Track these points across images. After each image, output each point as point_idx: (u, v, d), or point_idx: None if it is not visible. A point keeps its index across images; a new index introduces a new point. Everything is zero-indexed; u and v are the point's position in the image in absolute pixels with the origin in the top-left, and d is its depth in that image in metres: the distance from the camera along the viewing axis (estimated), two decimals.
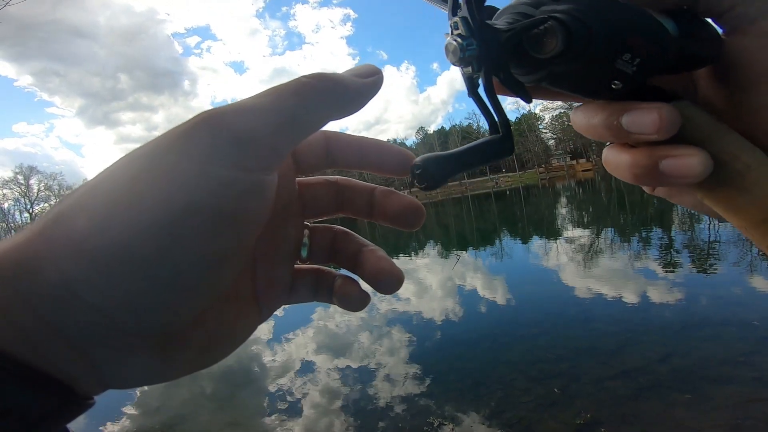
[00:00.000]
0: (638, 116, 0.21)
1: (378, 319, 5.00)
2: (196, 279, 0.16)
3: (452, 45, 0.22)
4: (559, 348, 3.40)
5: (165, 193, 0.15)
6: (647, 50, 0.21)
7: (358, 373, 3.62)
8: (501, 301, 5.02)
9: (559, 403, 2.59)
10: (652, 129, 0.21)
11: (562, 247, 7.63)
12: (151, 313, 0.16)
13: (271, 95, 0.18)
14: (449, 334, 4.25)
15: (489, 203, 26.23)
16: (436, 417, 2.68)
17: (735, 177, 0.21)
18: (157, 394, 3.98)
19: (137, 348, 0.17)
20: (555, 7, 0.21)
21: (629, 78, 0.21)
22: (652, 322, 3.59)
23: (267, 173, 0.17)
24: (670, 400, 2.42)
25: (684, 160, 0.21)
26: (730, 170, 0.21)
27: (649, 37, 0.21)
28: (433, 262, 8.68)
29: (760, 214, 0.21)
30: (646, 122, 0.21)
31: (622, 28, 0.21)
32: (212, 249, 0.16)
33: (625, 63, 0.21)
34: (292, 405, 3.26)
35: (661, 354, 2.98)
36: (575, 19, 0.21)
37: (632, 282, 4.77)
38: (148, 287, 0.15)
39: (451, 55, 0.22)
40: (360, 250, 0.25)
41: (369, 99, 0.21)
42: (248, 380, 3.97)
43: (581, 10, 0.21)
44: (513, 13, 0.23)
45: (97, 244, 0.14)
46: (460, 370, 3.36)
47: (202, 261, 0.16)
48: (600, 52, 0.21)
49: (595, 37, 0.21)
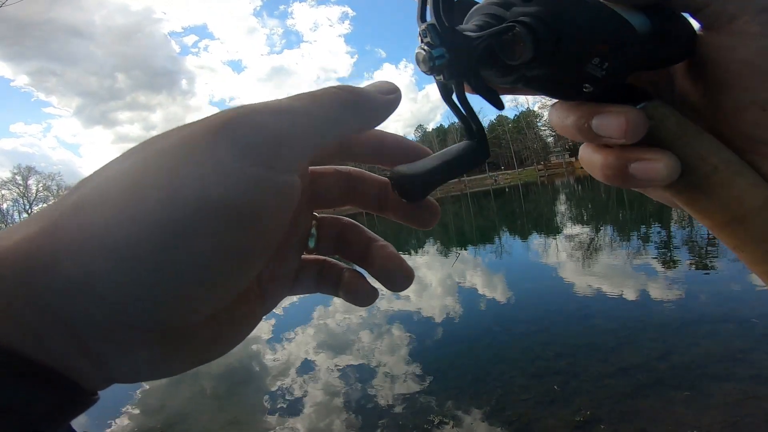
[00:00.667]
0: (606, 120, 0.22)
1: (378, 317, 5.01)
2: (219, 276, 0.16)
3: (422, 54, 0.21)
4: (558, 345, 3.41)
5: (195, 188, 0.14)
6: (616, 54, 0.21)
7: (358, 371, 3.63)
8: (500, 298, 5.03)
9: (558, 401, 2.60)
10: (619, 134, 0.21)
11: (561, 244, 7.65)
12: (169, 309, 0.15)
13: (303, 100, 0.18)
14: (449, 332, 4.26)
15: (488, 201, 26.24)
16: (437, 415, 2.69)
17: (701, 179, 0.22)
18: (158, 394, 3.99)
19: (147, 342, 0.16)
20: (524, 10, 0.21)
21: (600, 81, 0.21)
22: (651, 319, 3.60)
23: (294, 174, 0.17)
24: (669, 397, 2.43)
25: (651, 164, 0.22)
26: (697, 172, 0.22)
27: (617, 41, 0.20)
28: (432, 260, 8.69)
29: (724, 216, 0.22)
30: (614, 127, 0.21)
31: (590, 33, 0.20)
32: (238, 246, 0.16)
33: (594, 67, 0.21)
34: (292, 403, 3.27)
35: (659, 351, 2.99)
36: (544, 23, 0.20)
37: (631, 279, 4.79)
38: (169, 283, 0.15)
39: (421, 65, 0.21)
40: (369, 244, 0.25)
41: (389, 114, 0.21)
42: (249, 379, 3.98)
43: (550, 14, 0.20)
44: (484, 14, 0.23)
45: (121, 238, 0.14)
46: (460, 368, 3.37)
47: (227, 258, 0.16)
48: (569, 57, 0.21)
49: (564, 44, 0.21)
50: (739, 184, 0.21)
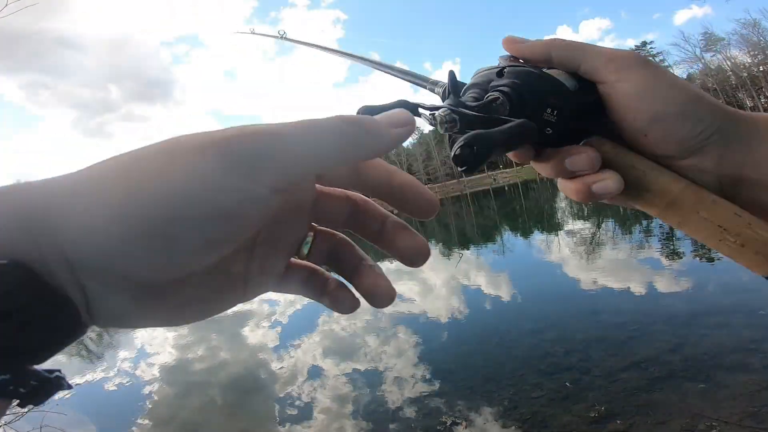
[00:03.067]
0: (576, 159, 0.32)
1: (384, 321, 4.98)
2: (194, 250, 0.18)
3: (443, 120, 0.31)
4: (568, 341, 3.39)
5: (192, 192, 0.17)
6: (559, 104, 0.32)
7: (366, 375, 3.61)
8: (506, 297, 5.01)
9: (571, 397, 2.58)
10: (587, 166, 0.31)
11: (564, 240, 7.63)
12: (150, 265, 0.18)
13: (302, 127, 0.20)
14: (456, 333, 4.24)
15: (488, 200, 26.25)
16: (449, 416, 2.67)
17: (638, 181, 0.31)
18: (168, 403, 3.97)
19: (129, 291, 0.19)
20: (501, 82, 0.33)
21: (554, 125, 0.32)
22: (660, 311, 3.58)
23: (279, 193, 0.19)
24: (684, 389, 2.41)
25: (605, 182, 0.31)
26: (633, 178, 0.31)
27: (558, 97, 0.32)
28: (435, 261, 8.67)
29: (662, 201, 0.31)
30: (581, 163, 0.31)
31: (542, 93, 0.32)
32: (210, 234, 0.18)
33: (548, 115, 0.32)
34: (302, 410, 3.25)
35: (671, 344, 2.97)
36: (515, 91, 0.32)
37: (637, 272, 4.77)
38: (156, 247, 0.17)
39: (439, 126, 0.31)
40: (359, 262, 0.27)
41: (395, 146, 0.23)
42: (258, 387, 3.96)
43: (517, 84, 0.32)
44: (476, 89, 0.34)
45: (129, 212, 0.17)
46: (470, 368, 3.35)
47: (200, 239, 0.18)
48: (532, 110, 0.31)
49: (527, 102, 0.32)
50: (663, 179, 0.31)
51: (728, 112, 0.31)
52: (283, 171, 0.19)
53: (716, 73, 51.69)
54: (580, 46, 0.33)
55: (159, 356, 5.75)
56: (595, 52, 0.32)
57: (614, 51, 0.32)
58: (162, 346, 6.22)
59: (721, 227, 0.29)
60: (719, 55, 50.72)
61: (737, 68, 49.91)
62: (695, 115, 0.30)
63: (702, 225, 0.30)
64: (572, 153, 0.32)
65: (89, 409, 4.23)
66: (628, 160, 0.32)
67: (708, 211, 0.29)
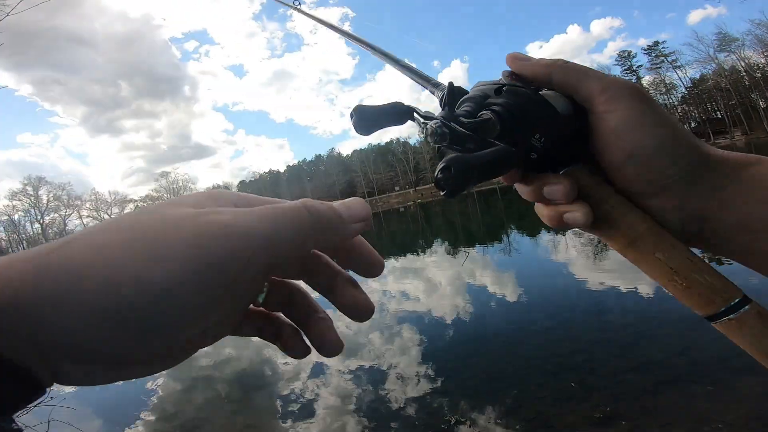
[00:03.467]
0: (553, 188, 0.33)
1: (389, 319, 4.99)
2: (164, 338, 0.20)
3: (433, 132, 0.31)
4: (573, 341, 3.37)
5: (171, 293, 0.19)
6: (547, 131, 0.32)
7: (370, 373, 3.61)
8: (512, 296, 5.00)
9: (576, 397, 2.57)
10: (561, 197, 0.33)
11: (571, 240, 7.59)
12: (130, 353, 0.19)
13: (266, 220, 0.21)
14: (461, 332, 4.24)
15: (495, 199, 26.14)
16: (453, 415, 2.67)
17: (605, 215, 0.33)
18: (173, 400, 4.01)
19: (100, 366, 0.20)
20: (495, 101, 0.33)
21: (539, 150, 0.32)
22: (669, 313, 3.55)
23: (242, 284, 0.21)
24: (690, 392, 2.39)
25: (575, 214, 0.32)
26: (603, 212, 0.33)
27: (548, 123, 0.32)
28: (441, 260, 8.66)
29: (625, 239, 0.32)
30: (557, 193, 0.33)
31: (535, 120, 0.32)
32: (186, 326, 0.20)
33: (536, 140, 0.32)
34: (305, 407, 3.27)
35: (678, 346, 2.95)
36: (508, 112, 0.32)
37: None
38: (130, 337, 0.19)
39: (429, 137, 0.31)
40: (312, 313, 0.29)
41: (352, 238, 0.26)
42: (262, 384, 3.98)
43: (511, 105, 0.32)
44: (471, 103, 0.34)
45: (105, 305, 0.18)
46: (474, 368, 3.35)
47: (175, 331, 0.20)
48: (520, 134, 0.32)
49: (517, 125, 0.31)
50: (629, 218, 0.32)
51: (701, 153, 0.32)
52: (253, 269, 0.21)
53: (730, 74, 51.03)
54: (581, 70, 0.34)
55: None
56: (593, 78, 0.33)
57: (612, 80, 0.33)
58: None
59: (672, 269, 0.31)
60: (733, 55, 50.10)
61: (751, 69, 49.20)
62: (668, 157, 0.31)
63: (656, 265, 0.31)
64: (551, 182, 0.33)
65: (95, 402, 4.29)
66: (601, 194, 0.33)
67: (664, 253, 0.31)
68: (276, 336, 0.29)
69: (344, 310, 0.28)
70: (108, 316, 0.18)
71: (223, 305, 0.21)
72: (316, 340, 0.28)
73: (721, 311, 0.30)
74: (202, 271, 0.19)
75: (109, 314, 0.18)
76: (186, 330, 0.20)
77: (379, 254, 0.29)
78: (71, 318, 0.17)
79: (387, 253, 10.71)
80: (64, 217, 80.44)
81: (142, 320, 0.18)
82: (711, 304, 0.30)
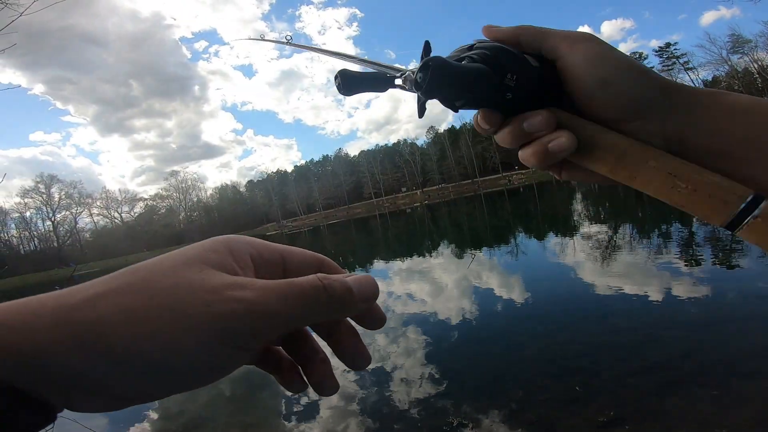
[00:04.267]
0: (533, 121, 0.34)
1: (393, 320, 4.99)
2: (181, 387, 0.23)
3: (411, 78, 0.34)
4: (578, 345, 3.35)
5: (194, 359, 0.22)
6: (519, 71, 0.34)
7: (374, 374, 3.61)
8: (518, 298, 4.97)
9: (580, 401, 2.55)
10: (542, 127, 0.34)
11: (579, 243, 7.53)
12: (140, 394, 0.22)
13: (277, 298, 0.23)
14: (466, 334, 4.22)
15: (502, 201, 26.04)
16: (455, 417, 2.66)
17: (589, 140, 0.33)
18: (177, 399, 4.03)
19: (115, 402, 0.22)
20: (469, 53, 0.35)
21: (513, 89, 0.34)
22: (675, 317, 3.51)
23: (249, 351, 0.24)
24: (695, 396, 2.37)
25: (560, 139, 0.33)
26: (585, 138, 0.33)
27: (519, 65, 0.34)
28: (448, 262, 8.64)
29: (612, 155, 0.33)
30: (538, 123, 0.34)
31: (505, 61, 0.34)
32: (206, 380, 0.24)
33: (509, 80, 0.33)
34: (309, 407, 3.28)
35: (684, 349, 2.92)
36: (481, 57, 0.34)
37: (653, 277, 4.69)
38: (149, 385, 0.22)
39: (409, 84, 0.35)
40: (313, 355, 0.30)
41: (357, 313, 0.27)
42: (266, 383, 3.99)
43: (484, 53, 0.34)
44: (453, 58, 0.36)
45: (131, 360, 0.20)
46: (478, 369, 3.34)
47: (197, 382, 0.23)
48: (494, 71, 0.33)
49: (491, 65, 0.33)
50: (610, 137, 0.33)
51: (670, 82, 0.33)
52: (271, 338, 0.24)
53: (743, 76, 50.34)
54: (544, 30, 0.37)
55: None
56: (555, 33, 0.36)
57: (570, 32, 0.36)
58: None
59: (672, 174, 0.30)
60: (746, 57, 49.42)
61: (764, 71, 48.50)
62: (637, 81, 0.33)
63: (652, 174, 0.31)
64: (529, 116, 0.34)
65: None
66: (579, 123, 0.34)
67: (657, 160, 0.31)
68: (275, 369, 0.30)
69: (344, 358, 0.29)
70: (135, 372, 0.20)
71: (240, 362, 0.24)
72: (315, 380, 0.29)
73: (740, 211, 0.27)
74: (227, 343, 0.22)
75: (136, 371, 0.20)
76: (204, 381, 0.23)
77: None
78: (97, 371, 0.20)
79: (394, 255, 10.72)
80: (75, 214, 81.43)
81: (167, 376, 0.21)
82: (726, 205, 0.28)
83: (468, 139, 73.06)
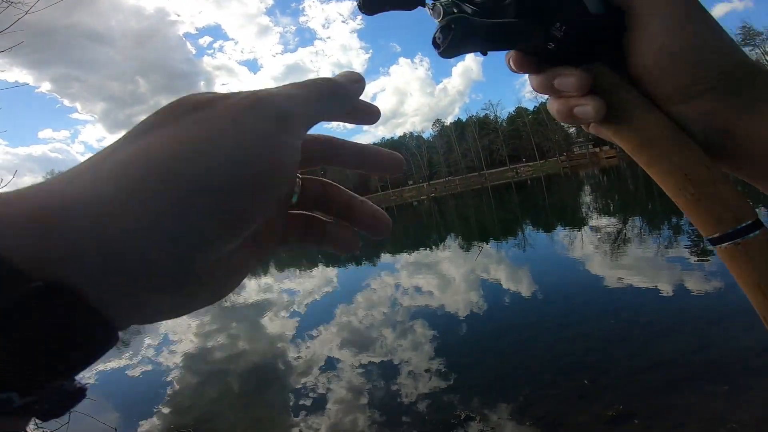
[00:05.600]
0: (564, 80, 0.31)
1: (401, 314, 5.00)
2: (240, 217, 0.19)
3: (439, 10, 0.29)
4: (587, 340, 3.33)
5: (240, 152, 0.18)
6: (571, 22, 0.30)
7: (381, 368, 3.63)
8: (526, 292, 4.95)
9: (589, 396, 2.54)
10: (572, 88, 0.31)
11: (587, 236, 7.48)
12: (189, 256, 0.18)
13: (299, 88, 0.23)
14: (474, 328, 4.22)
15: (510, 194, 25.89)
16: (463, 410, 2.67)
17: (621, 113, 0.31)
18: (187, 393, 4.09)
19: (164, 290, 0.18)
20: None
21: (559, 41, 0.30)
22: (685, 312, 3.48)
23: (300, 139, 0.22)
24: (705, 392, 2.34)
25: (586, 107, 0.31)
26: (618, 109, 0.31)
27: (573, 14, 0.30)
28: (455, 255, 8.63)
29: (639, 138, 0.30)
30: (568, 84, 0.31)
31: (555, 4, 0.29)
32: (265, 195, 0.20)
33: (556, 29, 0.30)
34: (317, 401, 3.30)
35: (695, 345, 2.89)
36: None
37: (663, 271, 4.64)
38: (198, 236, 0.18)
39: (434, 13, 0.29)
40: (350, 200, 0.28)
41: (357, 98, 0.27)
42: (275, 378, 4.03)
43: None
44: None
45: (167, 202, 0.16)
46: (486, 364, 3.34)
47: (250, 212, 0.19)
48: (540, 20, 0.29)
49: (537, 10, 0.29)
50: (646, 116, 0.30)
51: (747, 62, 0.29)
52: (304, 123, 0.23)
53: None
54: None
55: (181, 344, 5.93)
56: None
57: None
58: (184, 334, 6.40)
59: (687, 175, 0.28)
60: (758, 49, 48.53)
61: None
62: (707, 62, 0.29)
63: (669, 169, 0.29)
64: (563, 74, 0.31)
65: (114, 395, 4.41)
66: (619, 91, 0.31)
67: (680, 156, 0.29)
68: (320, 235, 0.27)
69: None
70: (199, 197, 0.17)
71: (295, 165, 0.22)
72: (365, 222, 0.27)
73: (728, 233, 0.27)
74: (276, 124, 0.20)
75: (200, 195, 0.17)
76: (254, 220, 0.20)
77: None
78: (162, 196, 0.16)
79: (400, 248, 10.72)
80: None
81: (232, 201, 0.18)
82: (720, 223, 0.27)
83: (474, 131, 72.62)
